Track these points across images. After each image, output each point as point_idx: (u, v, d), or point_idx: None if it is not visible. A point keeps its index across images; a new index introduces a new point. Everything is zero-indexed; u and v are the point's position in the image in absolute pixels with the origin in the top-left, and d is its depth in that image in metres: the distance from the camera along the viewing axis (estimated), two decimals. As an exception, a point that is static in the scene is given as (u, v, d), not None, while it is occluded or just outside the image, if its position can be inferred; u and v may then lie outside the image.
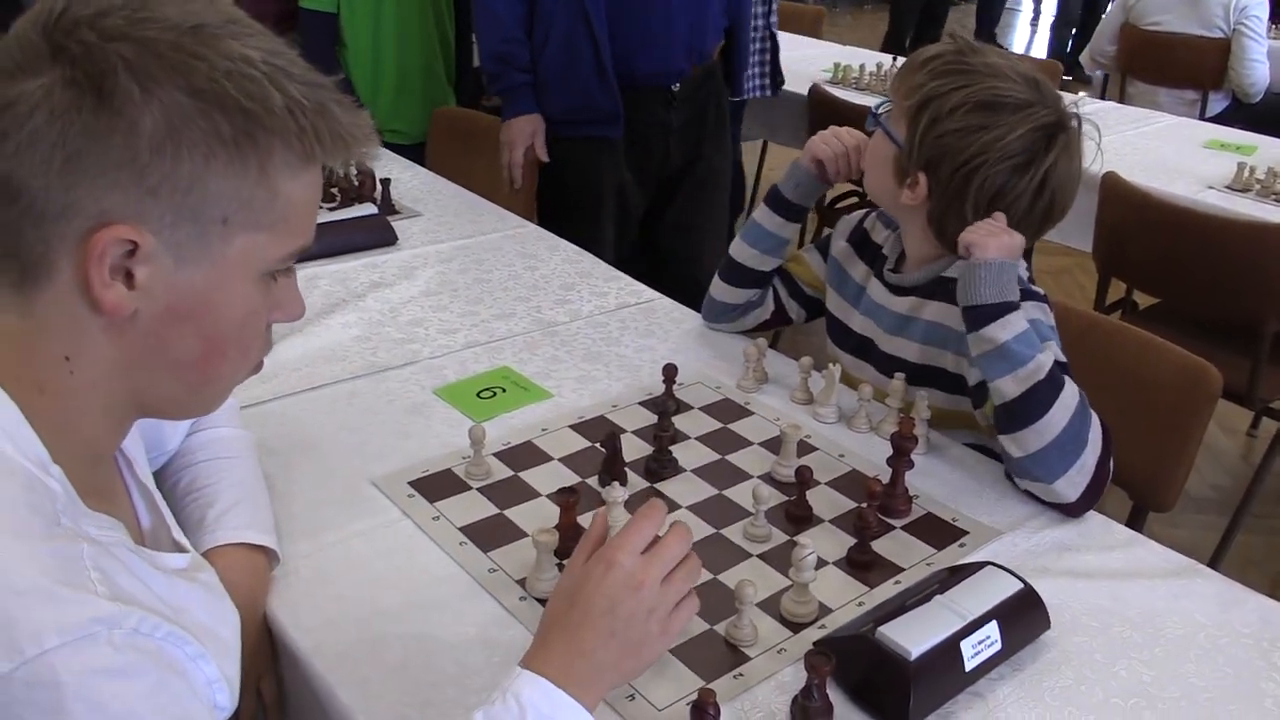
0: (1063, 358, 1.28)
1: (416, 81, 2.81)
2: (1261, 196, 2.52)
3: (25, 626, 0.62)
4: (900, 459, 1.24)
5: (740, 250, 1.62)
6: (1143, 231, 2.36)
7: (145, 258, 0.71)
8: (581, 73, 2.29)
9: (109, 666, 0.64)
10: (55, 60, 0.69)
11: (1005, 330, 1.23)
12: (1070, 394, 1.22)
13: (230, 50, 0.71)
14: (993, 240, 1.27)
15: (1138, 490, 1.59)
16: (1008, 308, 1.25)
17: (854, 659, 0.98)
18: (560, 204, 2.45)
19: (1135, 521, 1.58)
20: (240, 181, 0.73)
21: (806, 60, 3.82)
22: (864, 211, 1.62)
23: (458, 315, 1.69)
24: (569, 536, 1.14)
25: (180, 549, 0.90)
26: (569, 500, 1.14)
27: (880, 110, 1.43)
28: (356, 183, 2.12)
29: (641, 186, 2.51)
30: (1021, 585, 1.06)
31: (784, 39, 3.48)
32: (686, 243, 2.61)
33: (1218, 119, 3.78)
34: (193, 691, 0.70)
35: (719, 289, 1.65)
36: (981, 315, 1.25)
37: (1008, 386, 1.23)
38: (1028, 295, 1.32)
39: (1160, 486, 1.56)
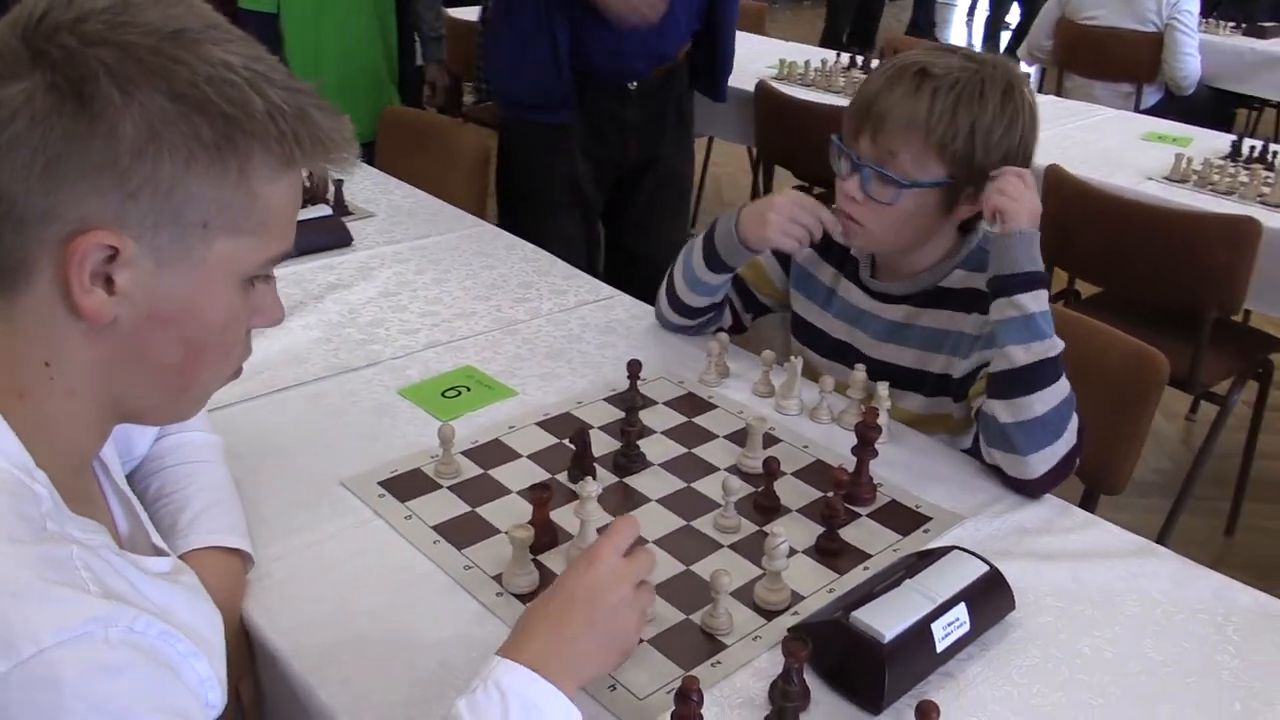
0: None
1: (361, 82, 2.80)
2: (1199, 187, 2.58)
3: (20, 626, 0.62)
4: (865, 448, 1.26)
5: (685, 294, 1.59)
6: (1086, 222, 2.42)
7: (126, 263, 0.71)
8: (537, 64, 2.30)
9: (106, 664, 0.64)
10: (35, 65, 0.68)
11: (1036, 302, 1.28)
12: (1064, 384, 1.27)
13: (211, 55, 0.71)
14: (1025, 207, 1.29)
15: (1089, 474, 1.63)
16: (1040, 277, 1.29)
17: (828, 644, 1.00)
18: (516, 192, 2.46)
19: (1086, 505, 1.61)
20: (220, 185, 0.73)
21: (751, 57, 3.84)
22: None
23: (418, 315, 1.69)
24: (543, 531, 1.15)
25: (160, 553, 0.90)
26: (542, 496, 1.15)
27: (888, 173, 1.36)
28: (309, 184, 2.10)
29: (598, 179, 2.51)
30: (987, 568, 1.09)
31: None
32: (648, 241, 2.62)
33: (1152, 111, 3.87)
34: (187, 689, 0.70)
35: (669, 315, 1.63)
36: (1016, 283, 1.28)
37: (1019, 354, 1.27)
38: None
39: (1111, 470, 1.60)
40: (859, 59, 3.76)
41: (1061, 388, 1.27)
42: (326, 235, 1.91)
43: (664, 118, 2.51)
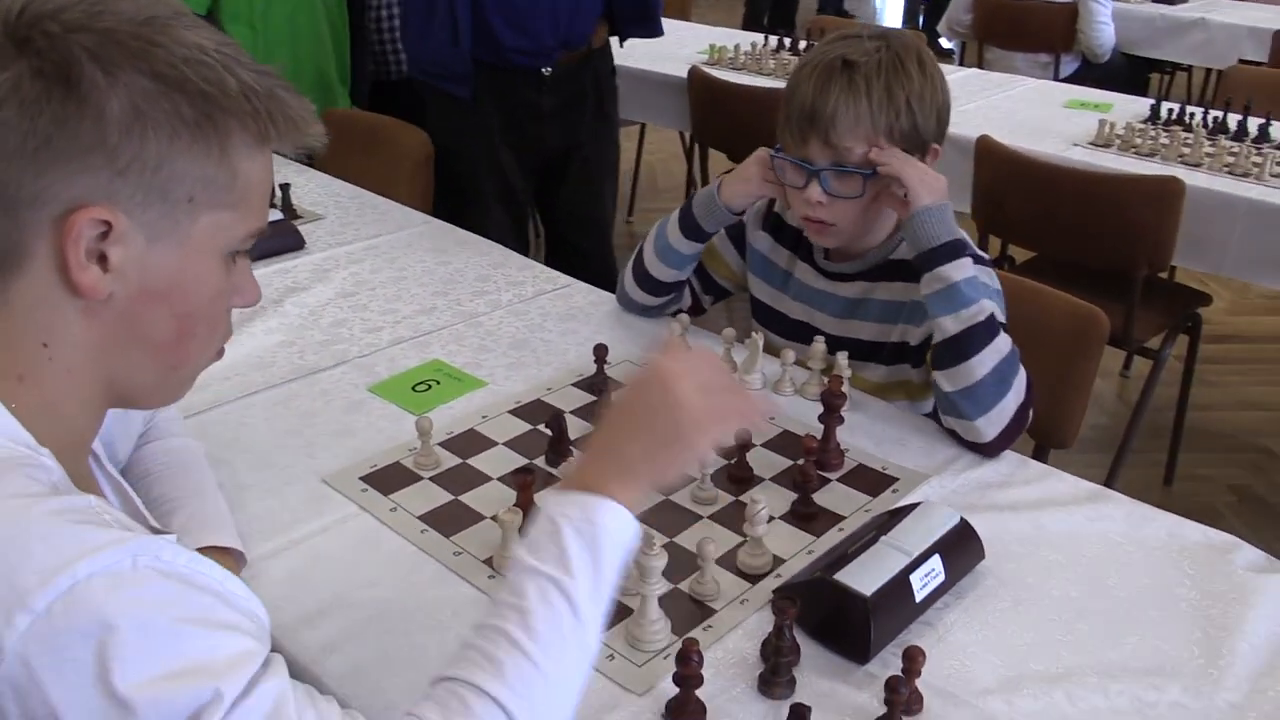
0: (1002, 318, 1.37)
1: (306, 84, 2.77)
2: (1122, 151, 2.67)
3: (54, 562, 0.65)
4: (831, 415, 1.31)
5: (654, 266, 1.62)
6: (1017, 190, 2.50)
7: (119, 238, 0.74)
8: (438, 35, 2.32)
9: (142, 587, 0.67)
10: (20, 53, 0.71)
11: (958, 271, 1.33)
12: (1003, 342, 1.32)
13: (184, 38, 0.75)
14: (923, 184, 1.36)
15: (1038, 430, 1.69)
16: (960, 246, 1.35)
17: (814, 601, 1.04)
18: (446, 183, 2.47)
19: (1037, 460, 1.69)
20: (204, 161, 0.76)
21: (680, 42, 3.89)
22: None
23: (379, 313, 1.70)
24: (528, 514, 1.18)
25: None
26: (526, 480, 1.18)
27: (850, 170, 1.39)
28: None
29: (522, 167, 2.52)
30: (957, 519, 1.14)
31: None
32: (582, 231, 2.64)
33: (1070, 79, 3.99)
34: (229, 606, 0.72)
35: (635, 291, 1.66)
36: (935, 256, 1.34)
37: (949, 324, 1.33)
38: (977, 260, 1.40)
39: (1059, 426, 1.67)
40: (786, 41, 3.82)
41: (999, 348, 1.32)
42: (278, 239, 1.91)
43: (581, 105, 2.52)
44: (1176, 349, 2.60)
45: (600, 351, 1.45)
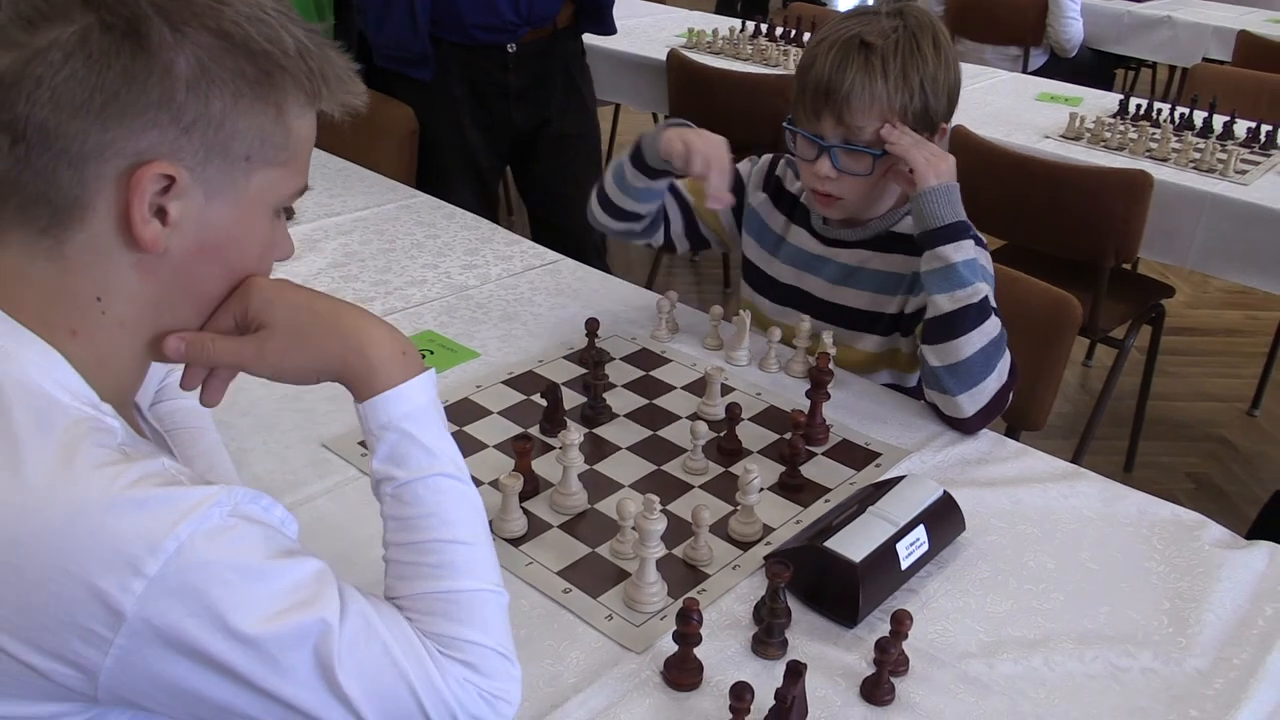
0: (993, 302, 1.40)
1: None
2: (1092, 144, 2.73)
3: (156, 528, 0.69)
4: (819, 391, 1.35)
5: (612, 190, 1.59)
6: (989, 180, 2.55)
7: (180, 193, 0.75)
8: (395, 18, 2.33)
9: (236, 536, 0.72)
10: (89, 6, 0.72)
11: (959, 253, 1.37)
12: (992, 325, 1.37)
13: None
14: (931, 165, 1.38)
15: (1011, 413, 1.75)
16: (962, 228, 1.38)
17: (805, 567, 1.08)
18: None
19: (1009, 441, 1.75)
20: (262, 119, 0.78)
21: (658, 26, 3.91)
22: (770, 157, 1.67)
23: (370, 285, 1.72)
24: (526, 480, 1.21)
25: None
26: (524, 446, 1.21)
27: (860, 148, 1.42)
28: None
29: (491, 146, 2.54)
30: (940, 492, 1.18)
31: (631, 4, 3.53)
32: (557, 210, 2.65)
33: (1039, 73, 4.06)
34: (281, 533, 0.77)
35: (598, 211, 1.64)
36: (937, 236, 1.38)
37: (943, 302, 1.37)
38: (978, 244, 1.44)
39: (1030, 408, 1.73)
40: (763, 27, 3.86)
41: (988, 330, 1.36)
42: (267, 209, 1.91)
43: (549, 83, 2.52)
44: (1139, 339, 2.67)
45: (592, 325, 1.49)
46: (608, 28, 2.61)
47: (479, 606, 0.83)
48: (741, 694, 0.90)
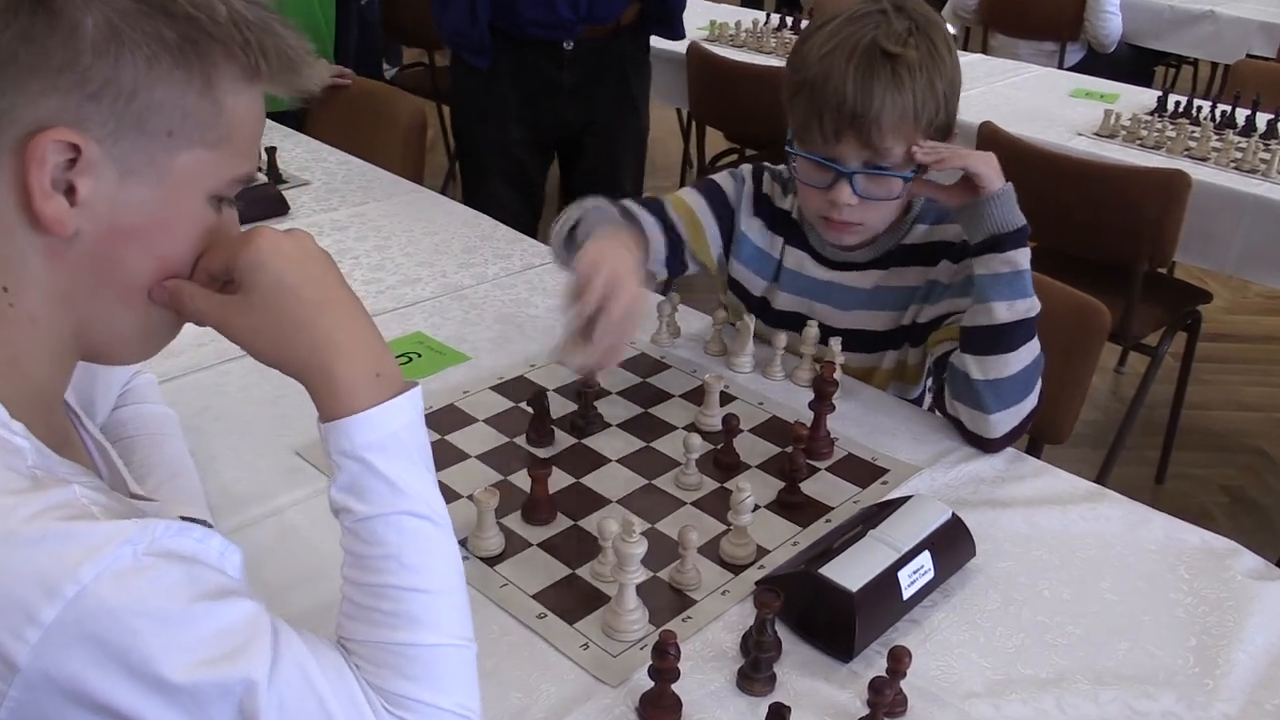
0: None
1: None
2: (1127, 142, 2.63)
3: (57, 568, 0.62)
4: (823, 402, 1.27)
5: (558, 254, 1.40)
6: (1019, 178, 2.40)
7: (87, 168, 0.69)
8: (457, 7, 2.28)
9: (149, 579, 0.64)
10: None
11: (1025, 259, 1.26)
12: (1036, 344, 1.27)
13: None
14: (991, 167, 1.27)
15: (1035, 424, 1.66)
16: (1026, 233, 1.27)
17: (798, 595, 1.00)
18: (462, 160, 2.44)
19: (1031, 454, 1.65)
20: (185, 91, 0.71)
21: (682, 19, 3.83)
22: (752, 170, 1.53)
23: (362, 283, 1.66)
24: (543, 507, 1.13)
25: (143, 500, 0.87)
26: (541, 474, 1.13)
27: (889, 172, 1.31)
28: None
29: (535, 143, 2.47)
30: (949, 515, 1.10)
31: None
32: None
33: (1075, 69, 3.93)
34: (214, 569, 0.70)
35: (555, 255, 1.41)
36: (1009, 240, 1.26)
37: (1001, 311, 1.25)
38: None
39: (1055, 420, 1.63)
40: (789, 19, 3.76)
41: (1034, 348, 1.27)
42: (262, 205, 1.86)
43: (601, 81, 2.45)
44: (1173, 346, 2.56)
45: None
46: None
47: (436, 663, 0.75)
48: (719, 738, 0.82)
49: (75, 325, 0.75)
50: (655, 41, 2.52)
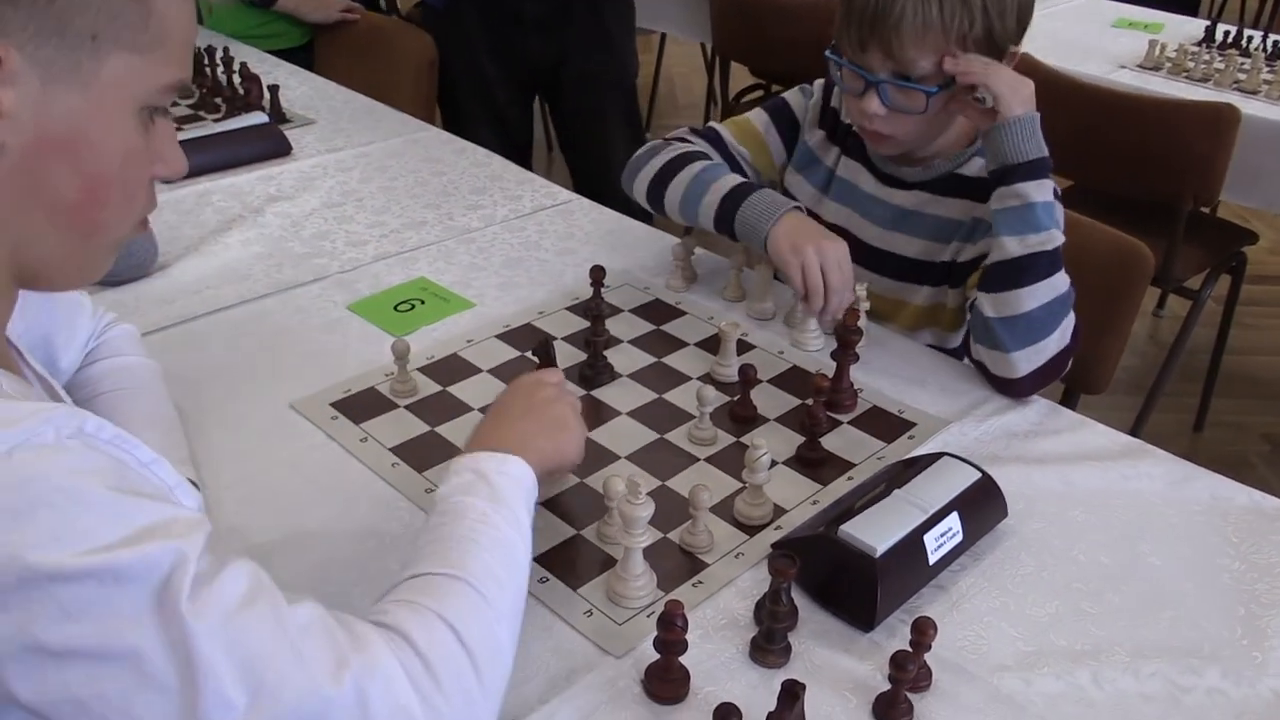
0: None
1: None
2: (1173, 74, 2.53)
3: None
4: (845, 352, 1.20)
5: (673, 210, 1.42)
6: (1057, 113, 2.32)
7: (9, 77, 0.64)
8: None
9: (66, 456, 0.61)
10: None
11: (1039, 191, 1.21)
12: (1061, 280, 1.21)
13: None
14: (1014, 91, 1.21)
15: (1071, 373, 1.58)
16: (1044, 164, 1.22)
17: (816, 560, 0.94)
18: (442, 103, 2.35)
19: (1065, 405, 1.58)
20: None
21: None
22: (823, 82, 1.49)
23: (365, 226, 1.59)
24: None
25: None
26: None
27: (912, 85, 1.25)
28: (243, 91, 1.98)
29: (509, 81, 2.37)
30: (979, 475, 1.03)
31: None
32: (583, 155, 2.49)
33: None
34: (151, 486, 0.66)
35: (640, 196, 1.46)
36: (1020, 171, 1.21)
37: (1012, 245, 1.21)
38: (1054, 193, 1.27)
39: (1092, 368, 1.55)
40: (818, -50, 3.62)
41: (1056, 284, 1.21)
42: (264, 144, 1.80)
43: (569, 14, 2.33)
44: (1216, 289, 2.46)
45: (597, 274, 1.34)
46: None
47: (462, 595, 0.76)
48: (726, 718, 0.76)
49: (9, 248, 0.70)
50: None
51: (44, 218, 0.70)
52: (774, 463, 1.11)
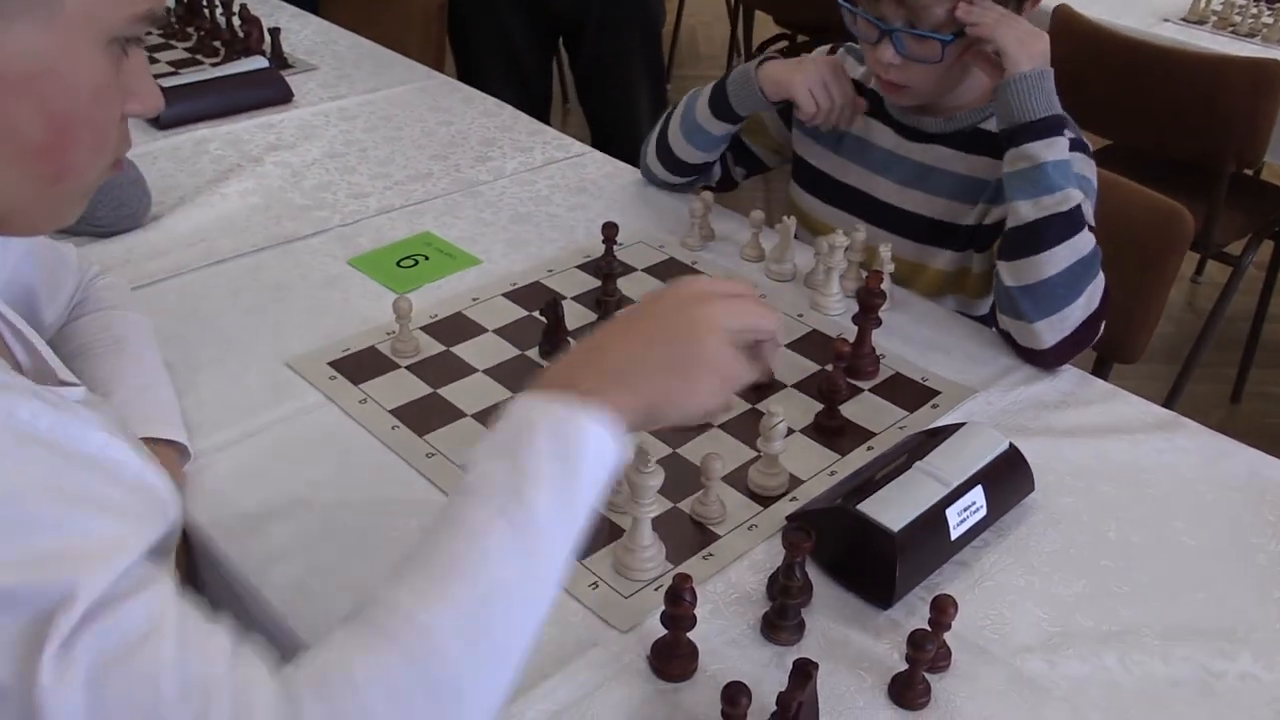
0: (1092, 221, 1.19)
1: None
2: (1218, 29, 2.46)
3: None
4: (867, 316, 1.15)
5: (679, 146, 1.45)
6: (1095, 68, 2.27)
7: None
8: None
9: None
10: None
11: (1049, 151, 1.16)
12: (1083, 241, 1.15)
13: None
14: (1024, 46, 1.16)
15: (1104, 341, 1.52)
16: (1057, 123, 1.17)
17: (832, 533, 0.90)
18: (458, 55, 2.29)
19: (1098, 374, 1.52)
20: None
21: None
22: (828, 48, 1.46)
23: (368, 178, 1.54)
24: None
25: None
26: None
27: (926, 34, 1.21)
28: (242, 34, 1.92)
29: (532, 30, 2.30)
30: (1005, 445, 0.98)
31: None
32: (604, 104, 2.42)
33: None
34: (108, 477, 0.61)
35: (656, 167, 1.50)
36: (1028, 131, 1.17)
37: (1026, 209, 1.16)
38: (1076, 147, 1.23)
39: (1128, 337, 1.49)
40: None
41: (1078, 246, 1.15)
42: (264, 91, 1.74)
43: None
44: (1258, 255, 2.40)
45: (609, 230, 1.29)
46: None
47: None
48: (736, 698, 0.73)
49: None
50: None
51: (10, 161, 0.65)
52: (790, 431, 1.06)
